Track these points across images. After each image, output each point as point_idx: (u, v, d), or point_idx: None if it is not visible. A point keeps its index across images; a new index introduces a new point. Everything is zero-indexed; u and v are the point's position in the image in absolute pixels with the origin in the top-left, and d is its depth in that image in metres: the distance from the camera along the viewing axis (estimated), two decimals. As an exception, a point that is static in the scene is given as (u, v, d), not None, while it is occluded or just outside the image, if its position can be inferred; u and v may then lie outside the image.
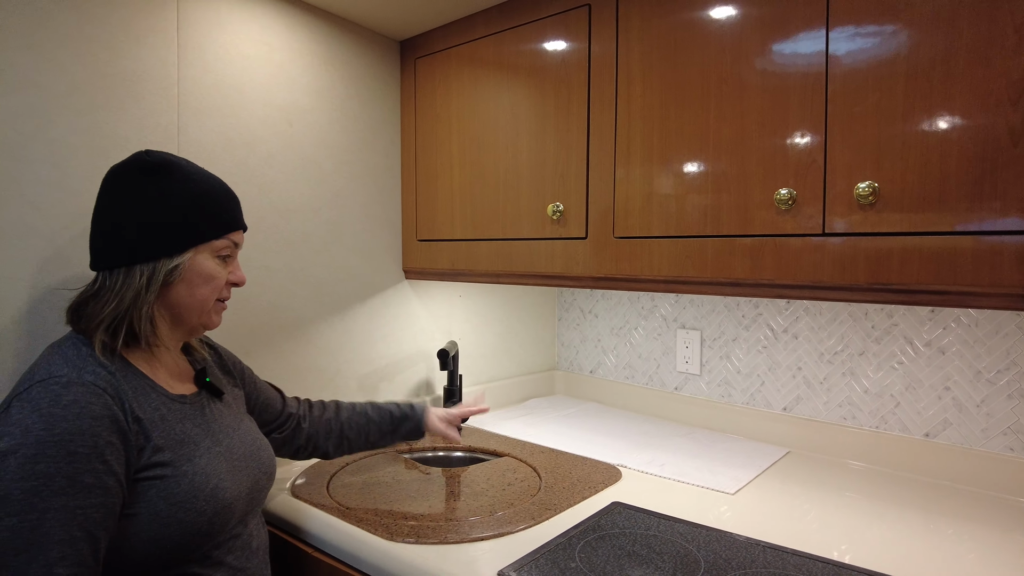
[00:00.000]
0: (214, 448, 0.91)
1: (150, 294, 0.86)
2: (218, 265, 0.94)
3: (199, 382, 0.99)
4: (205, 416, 0.95)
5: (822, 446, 1.49)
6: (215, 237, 0.92)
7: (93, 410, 0.76)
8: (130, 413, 0.81)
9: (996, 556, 1.00)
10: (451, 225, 1.51)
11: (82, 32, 1.07)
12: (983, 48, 0.84)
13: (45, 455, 0.71)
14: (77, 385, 0.77)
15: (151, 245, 0.86)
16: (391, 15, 1.46)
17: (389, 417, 1.26)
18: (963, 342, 1.31)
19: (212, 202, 0.92)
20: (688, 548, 1.01)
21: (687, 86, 1.11)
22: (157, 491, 0.82)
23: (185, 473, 0.85)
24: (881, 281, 0.93)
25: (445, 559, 0.97)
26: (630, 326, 1.89)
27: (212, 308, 0.95)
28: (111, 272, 0.86)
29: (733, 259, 1.07)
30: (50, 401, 0.75)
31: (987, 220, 0.84)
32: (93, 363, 0.82)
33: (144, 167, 0.88)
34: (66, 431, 0.73)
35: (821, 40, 0.97)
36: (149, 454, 0.82)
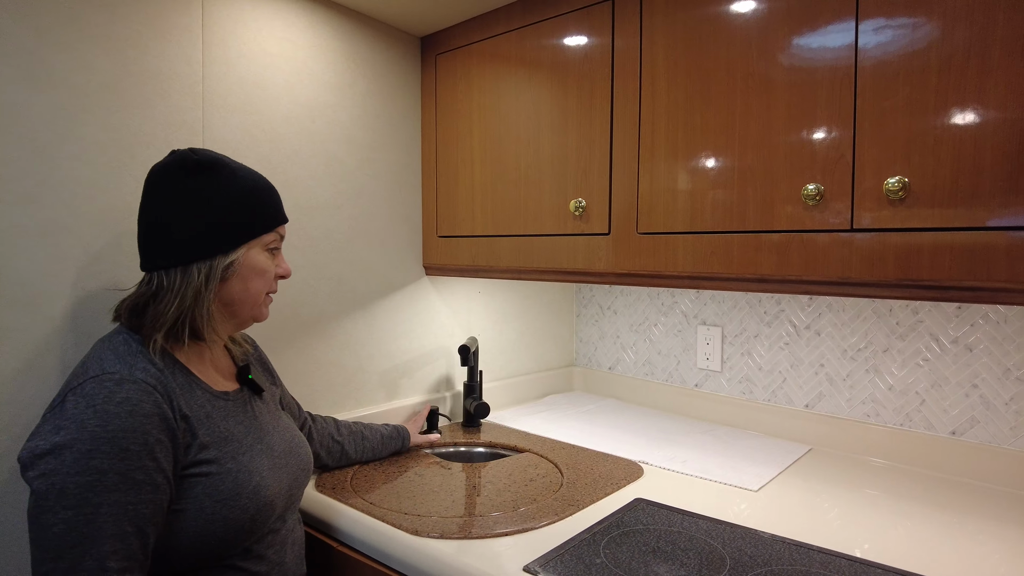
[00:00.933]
0: (256, 445, 0.94)
1: (210, 291, 0.89)
2: (268, 259, 0.97)
3: (241, 379, 1.01)
4: (247, 413, 0.97)
5: (845, 443, 1.48)
6: (265, 231, 0.95)
7: (144, 408, 0.78)
8: (178, 411, 0.84)
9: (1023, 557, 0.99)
10: (472, 221, 1.52)
11: (112, 31, 1.09)
12: (1019, 40, 0.82)
13: (100, 451, 0.74)
14: (129, 382, 0.79)
15: (207, 243, 0.88)
16: (412, 11, 1.46)
17: (381, 438, 1.38)
18: (991, 339, 1.30)
19: (260, 197, 0.95)
20: (713, 545, 1.01)
21: (712, 81, 1.10)
22: (203, 488, 0.84)
23: (230, 471, 0.87)
24: (911, 277, 0.92)
25: (471, 554, 0.98)
26: (650, 322, 1.89)
27: (263, 301, 0.99)
28: (167, 272, 0.88)
29: (759, 255, 1.06)
30: (104, 397, 0.77)
31: (1022, 215, 0.83)
32: (143, 360, 0.84)
33: (191, 166, 0.90)
34: (119, 428, 0.75)
35: (850, 33, 0.96)
36: (196, 451, 0.85)
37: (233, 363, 1.05)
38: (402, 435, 1.42)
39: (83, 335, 1.06)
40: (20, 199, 0.99)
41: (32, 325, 1.00)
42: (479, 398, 1.64)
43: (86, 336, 1.06)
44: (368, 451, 1.35)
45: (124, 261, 1.10)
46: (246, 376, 1.02)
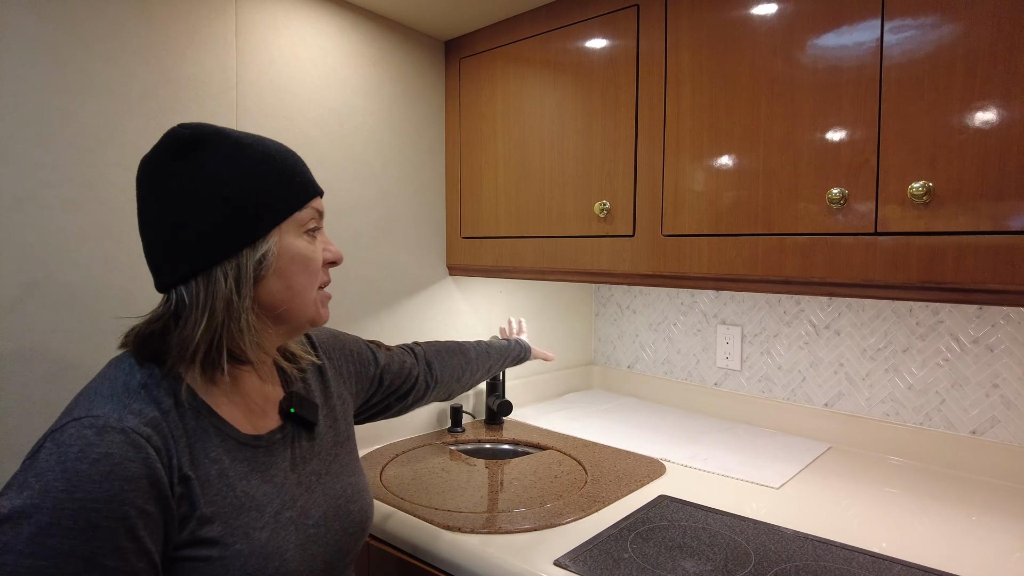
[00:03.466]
0: (283, 514, 0.73)
1: (243, 297, 0.69)
2: (309, 243, 0.76)
3: (284, 412, 0.80)
4: (283, 463, 0.77)
5: (864, 442, 1.50)
6: (297, 207, 0.74)
7: (128, 469, 0.60)
8: (176, 471, 0.65)
9: (1048, 553, 1.00)
10: (495, 222, 1.54)
11: (151, 40, 1.12)
12: (1043, 48, 0.84)
13: (60, 527, 0.56)
14: (114, 432, 0.61)
15: (225, 237, 0.68)
16: (438, 16, 1.49)
17: (505, 354, 1.36)
18: (1012, 339, 1.31)
19: (280, 166, 0.73)
20: (737, 541, 1.03)
21: (737, 85, 1.12)
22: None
23: (238, 553, 0.67)
24: (935, 280, 0.94)
25: (502, 548, 1.00)
26: (669, 321, 1.91)
27: (317, 298, 0.78)
28: (186, 286, 0.68)
29: (784, 257, 1.08)
30: (78, 452, 0.59)
31: (1045, 220, 0.85)
32: (143, 399, 0.65)
33: (184, 145, 0.69)
34: (89, 497, 0.57)
35: (875, 38, 0.97)
36: (194, 527, 0.65)
37: (282, 385, 0.83)
38: (523, 350, 1.42)
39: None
40: (66, 205, 1.03)
41: (77, 327, 1.04)
42: (502, 396, 1.67)
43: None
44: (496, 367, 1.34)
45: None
46: (288, 409, 0.80)
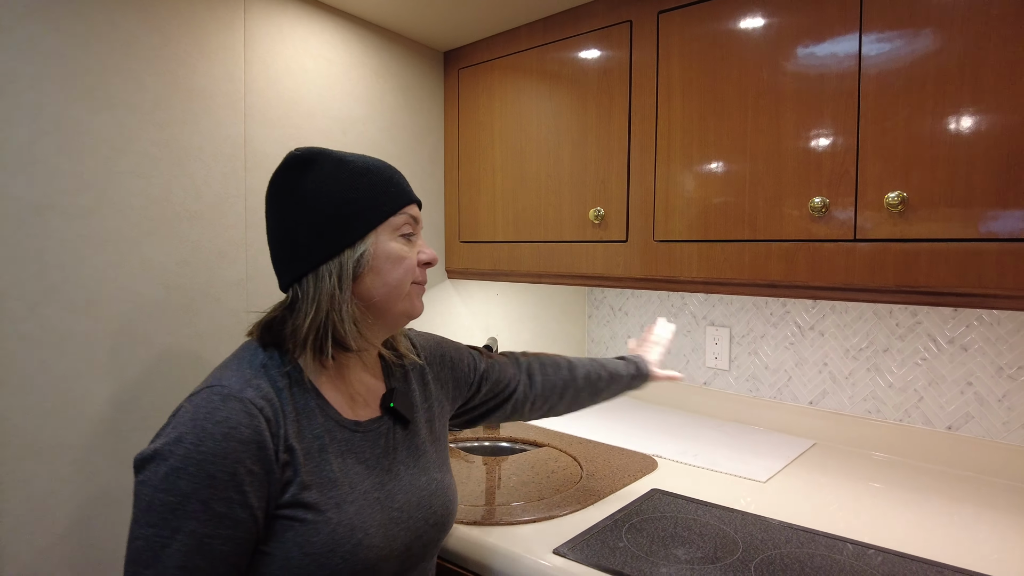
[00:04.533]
0: (372, 493, 0.82)
1: (344, 292, 0.80)
2: (403, 245, 0.85)
3: (384, 405, 0.89)
4: (377, 449, 0.86)
5: (847, 438, 1.56)
6: (391, 213, 0.84)
7: (241, 433, 0.71)
8: (283, 440, 0.75)
9: (1015, 543, 1.07)
10: (493, 227, 1.60)
11: (163, 52, 1.16)
12: (1009, 67, 0.90)
13: (187, 472, 0.68)
14: (235, 400, 0.72)
15: (328, 240, 0.80)
16: (438, 28, 1.54)
17: (621, 378, 1.22)
18: (985, 339, 1.38)
19: (376, 178, 0.84)
20: (726, 530, 1.09)
21: (725, 99, 1.18)
22: (294, 535, 0.74)
23: (328, 520, 0.76)
24: (909, 284, 1.00)
25: (504, 539, 1.06)
26: (659, 323, 1.97)
27: (410, 292, 0.86)
28: (300, 283, 0.80)
29: (769, 262, 1.14)
30: (206, 413, 0.71)
31: (1010, 226, 0.91)
32: (262, 377, 0.77)
33: (294, 165, 0.83)
34: (210, 451, 0.69)
35: (854, 54, 1.04)
36: (295, 491, 0.75)
37: (385, 381, 0.92)
38: (644, 373, 1.24)
39: (139, 339, 1.14)
40: (83, 211, 1.07)
41: (93, 329, 1.08)
42: (498, 395, 1.72)
43: (142, 340, 1.14)
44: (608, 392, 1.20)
45: (174, 267, 1.18)
46: (388, 403, 0.89)
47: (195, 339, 1.21)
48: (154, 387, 1.16)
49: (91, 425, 1.08)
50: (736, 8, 1.17)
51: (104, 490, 1.09)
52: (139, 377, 1.14)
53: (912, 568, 0.97)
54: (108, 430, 1.10)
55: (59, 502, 1.04)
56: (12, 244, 0.99)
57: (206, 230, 1.23)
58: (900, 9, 0.99)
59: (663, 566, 0.97)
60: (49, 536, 1.03)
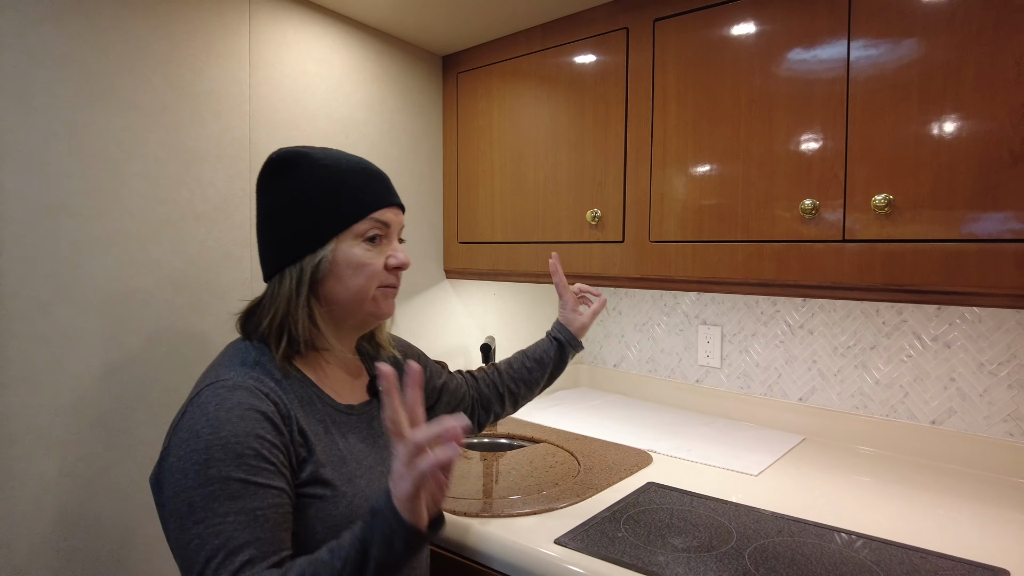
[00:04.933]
0: (376, 468, 0.88)
1: (301, 296, 0.83)
2: (367, 251, 0.86)
3: (372, 390, 0.95)
4: (372, 429, 0.91)
5: (836, 433, 1.61)
6: (355, 220, 0.85)
7: (257, 410, 0.75)
8: (295, 423, 0.79)
9: (995, 532, 1.11)
10: (492, 228, 1.63)
11: (172, 57, 1.19)
12: (988, 78, 0.95)
13: (215, 459, 0.70)
14: (241, 388, 0.76)
15: (292, 244, 0.83)
16: (437, 33, 1.57)
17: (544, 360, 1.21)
18: (967, 337, 1.43)
19: (345, 185, 0.85)
20: (720, 521, 1.13)
21: (719, 104, 1.23)
22: (316, 511, 0.79)
23: (344, 495, 0.81)
24: (896, 283, 1.05)
25: (504, 529, 1.09)
26: (652, 322, 2.01)
27: (376, 296, 0.88)
28: (270, 281, 0.86)
29: (762, 262, 1.18)
30: (216, 405, 0.74)
31: (989, 228, 0.96)
32: (260, 369, 0.81)
33: (273, 168, 0.86)
34: (231, 433, 0.72)
35: (843, 68, 1.08)
36: (312, 469, 0.79)
37: (369, 371, 0.98)
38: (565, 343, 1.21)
39: (147, 337, 1.16)
40: (94, 212, 1.09)
41: (104, 327, 1.10)
42: (496, 393, 1.75)
43: (152, 336, 1.16)
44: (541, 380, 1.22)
45: (181, 266, 1.21)
46: (376, 388, 0.94)
47: (202, 337, 1.24)
48: (162, 384, 1.18)
49: (101, 421, 1.10)
50: (729, 16, 1.21)
51: (114, 485, 1.11)
52: (147, 374, 1.16)
53: (898, 555, 1.01)
54: (117, 426, 1.12)
55: (69, 497, 1.06)
56: (25, 244, 1.01)
57: (212, 230, 1.25)
58: (887, 18, 1.03)
59: (661, 555, 1.01)
60: (60, 529, 1.05)
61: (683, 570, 0.96)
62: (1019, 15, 0.92)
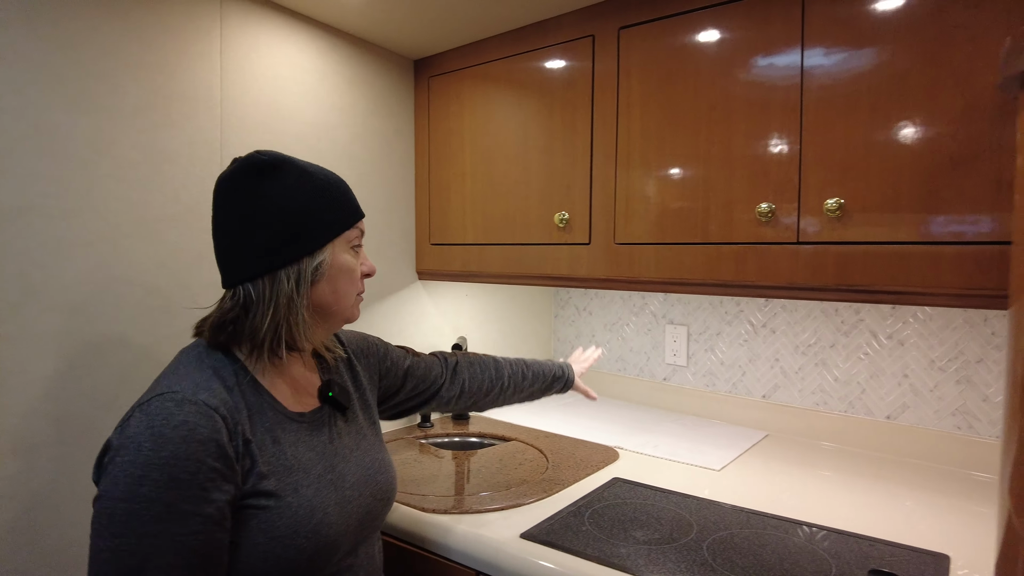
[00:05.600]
0: (325, 476, 0.87)
1: (302, 296, 0.85)
2: (353, 257, 0.92)
3: (322, 395, 0.95)
4: (322, 436, 0.91)
5: (797, 429, 1.66)
6: (347, 227, 0.90)
7: (200, 433, 0.74)
8: (240, 436, 0.79)
9: (945, 519, 1.17)
10: (463, 230, 1.66)
11: (143, 59, 1.20)
12: (930, 88, 1.00)
13: (149, 478, 0.70)
14: (190, 404, 0.75)
15: (291, 246, 0.84)
16: (409, 38, 1.60)
17: (544, 379, 1.32)
18: (919, 335, 1.49)
19: (335, 193, 0.90)
20: (682, 514, 1.17)
21: (681, 110, 1.27)
22: (257, 522, 0.78)
23: (289, 505, 0.81)
24: (847, 283, 1.09)
25: (476, 525, 1.12)
26: (622, 322, 2.05)
27: (354, 302, 0.94)
28: (253, 284, 0.84)
29: (720, 263, 1.22)
30: (162, 419, 0.73)
31: (932, 232, 1.01)
32: (213, 378, 0.80)
33: (262, 168, 0.85)
34: (172, 454, 0.71)
35: (797, 76, 1.13)
36: (254, 481, 0.79)
37: (320, 375, 0.98)
38: (568, 377, 1.35)
39: (118, 339, 1.17)
40: (64, 213, 1.10)
41: (74, 328, 1.11)
42: (468, 392, 1.78)
43: (121, 340, 1.17)
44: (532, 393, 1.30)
45: (152, 268, 1.22)
46: (327, 394, 0.94)
47: (173, 339, 1.24)
48: (133, 386, 1.18)
49: (69, 424, 1.10)
50: (690, 25, 1.25)
51: (84, 489, 1.12)
52: (118, 377, 1.17)
53: (853, 545, 1.06)
54: (87, 429, 1.12)
55: (39, 501, 1.06)
56: (-6, 245, 1.01)
57: (184, 233, 1.26)
58: (837, 30, 1.08)
59: (622, 547, 1.04)
60: (28, 534, 1.05)
61: (643, 561, 1.00)
62: (957, 31, 0.97)
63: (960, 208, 0.98)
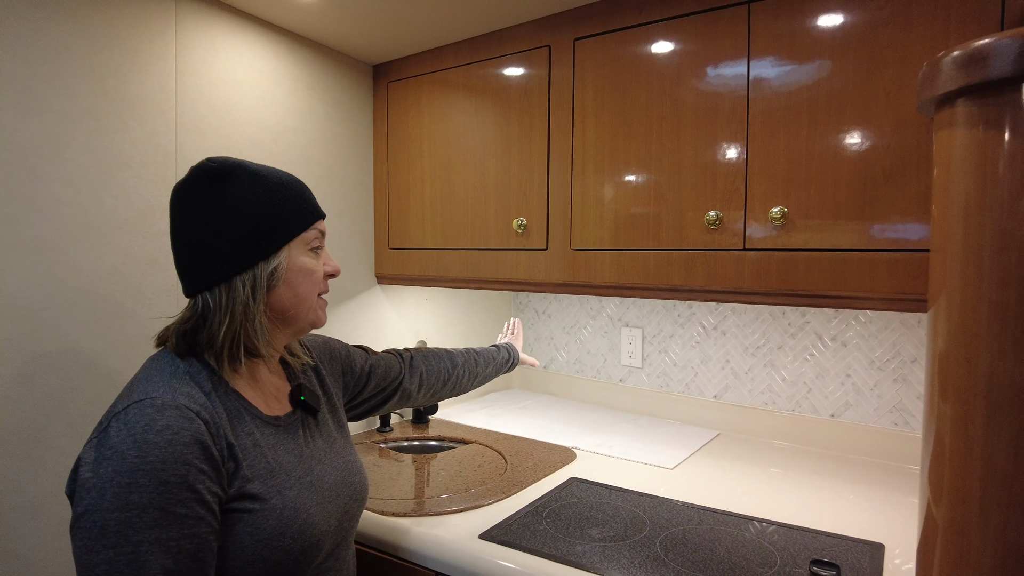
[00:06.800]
0: (305, 478, 0.88)
1: (258, 303, 0.85)
2: (313, 259, 0.91)
3: (294, 400, 0.95)
4: (298, 439, 0.92)
5: (747, 428, 1.73)
6: (303, 229, 0.89)
7: (184, 436, 0.74)
8: (223, 439, 0.79)
9: (882, 511, 1.24)
10: (422, 235, 1.67)
11: (93, 62, 1.18)
12: (864, 104, 1.06)
13: (138, 484, 0.70)
14: (171, 408, 0.75)
15: (245, 252, 0.84)
16: (367, 43, 1.60)
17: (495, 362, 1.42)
18: (861, 336, 1.56)
19: (291, 195, 0.89)
20: (636, 512, 1.21)
21: (634, 120, 1.31)
22: (244, 525, 0.79)
23: (274, 507, 0.82)
24: (790, 287, 1.15)
25: (435, 527, 1.13)
26: (580, 325, 2.09)
27: (316, 304, 0.93)
28: (211, 292, 0.84)
29: (671, 269, 1.27)
30: (144, 425, 0.73)
31: (868, 239, 1.07)
32: (189, 384, 0.80)
33: (212, 175, 0.85)
34: (158, 459, 0.71)
35: (743, 90, 1.18)
36: (239, 484, 0.80)
37: (288, 380, 0.98)
38: (515, 357, 1.48)
39: (68, 345, 1.14)
40: (10, 218, 1.07)
41: (22, 335, 1.08)
42: (428, 396, 1.79)
43: (71, 346, 1.15)
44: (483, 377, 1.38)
45: (104, 274, 1.20)
46: (298, 397, 0.95)
47: (126, 346, 1.22)
48: (83, 393, 1.16)
49: (17, 432, 1.08)
50: (643, 38, 1.29)
51: (30, 499, 1.09)
52: (67, 385, 1.14)
53: (798, 537, 1.11)
54: (34, 437, 1.10)
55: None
56: (-63, 251, 0.99)
57: (137, 238, 1.25)
58: (780, 45, 1.14)
59: (578, 544, 1.07)
60: (-25, 543, 1.02)
61: (598, 558, 1.03)
62: (887, 51, 1.03)
63: (893, 217, 1.04)
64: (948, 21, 1.00)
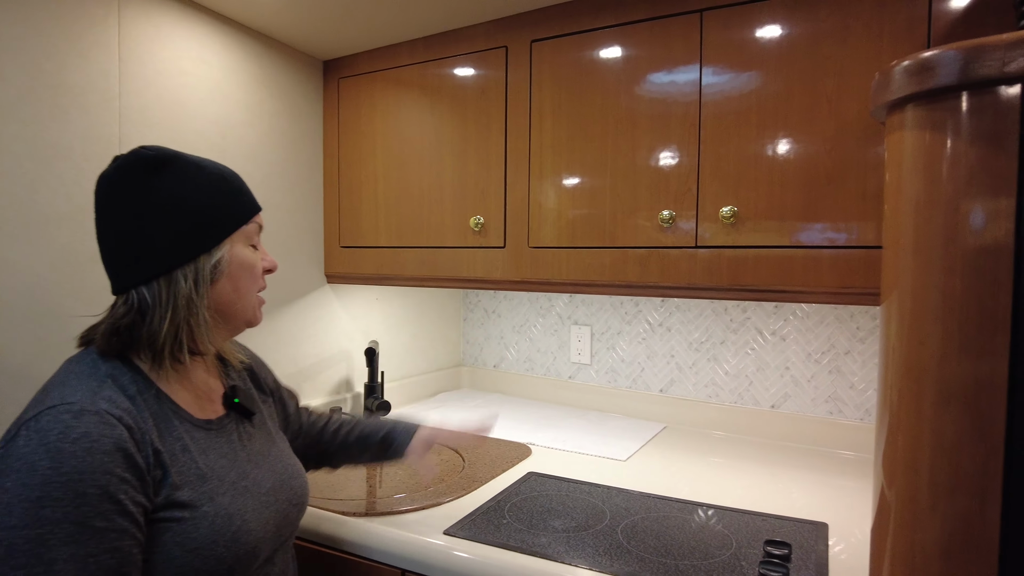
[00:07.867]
0: (240, 483, 0.84)
1: (201, 296, 0.81)
2: (253, 252, 0.89)
3: (228, 402, 0.91)
4: (232, 443, 0.88)
5: (692, 420, 1.79)
6: (244, 221, 0.87)
7: (105, 444, 0.68)
8: (148, 445, 0.74)
9: (820, 493, 1.31)
10: (376, 233, 1.65)
11: (28, 44, 1.11)
12: (808, 111, 1.13)
13: (51, 498, 0.64)
14: (90, 414, 0.69)
15: (186, 244, 0.80)
16: (318, 38, 1.57)
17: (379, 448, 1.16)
18: (798, 330, 1.65)
19: (232, 187, 0.86)
20: (595, 502, 1.24)
21: (589, 121, 1.34)
22: (172, 535, 0.74)
23: (205, 515, 0.77)
24: (739, 283, 1.21)
25: (398, 526, 1.13)
26: (529, 323, 2.12)
27: (254, 301, 0.90)
28: (148, 287, 0.79)
29: (626, 266, 1.31)
30: (59, 434, 0.67)
31: (811, 237, 1.13)
32: (111, 387, 0.75)
33: (149, 164, 0.80)
34: (74, 469, 0.66)
35: (695, 93, 1.23)
36: (167, 492, 0.75)
37: (222, 382, 0.94)
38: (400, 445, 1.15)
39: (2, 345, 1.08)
40: (-62, 210, 1.00)
41: (-49, 334, 1.02)
42: (380, 397, 1.77)
43: (4, 347, 1.08)
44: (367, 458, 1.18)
45: (42, 271, 1.13)
46: (232, 400, 0.91)
47: (63, 348, 1.15)
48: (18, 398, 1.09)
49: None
50: (599, 41, 1.33)
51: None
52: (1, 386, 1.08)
53: (747, 520, 1.16)
54: (-33, 444, 1.03)
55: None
56: None
57: (77, 233, 1.18)
58: (730, 51, 1.19)
59: (543, 536, 1.09)
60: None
61: (563, 548, 1.05)
62: (829, 62, 1.11)
63: (834, 217, 1.11)
64: (882, 36, 1.08)
